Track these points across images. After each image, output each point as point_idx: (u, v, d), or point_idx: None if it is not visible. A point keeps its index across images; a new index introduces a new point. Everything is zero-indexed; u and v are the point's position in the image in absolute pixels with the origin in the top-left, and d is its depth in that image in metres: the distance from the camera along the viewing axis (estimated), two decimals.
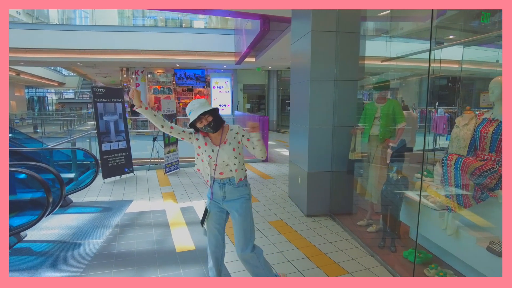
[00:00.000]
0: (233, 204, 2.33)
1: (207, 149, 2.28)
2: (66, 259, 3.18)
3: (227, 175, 2.30)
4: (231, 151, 2.27)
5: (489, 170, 2.50)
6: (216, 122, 2.23)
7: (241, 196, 2.33)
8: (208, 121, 2.20)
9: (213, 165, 2.27)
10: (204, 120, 2.19)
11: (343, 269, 3.02)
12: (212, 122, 2.20)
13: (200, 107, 2.17)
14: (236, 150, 2.29)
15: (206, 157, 2.28)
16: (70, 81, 30.20)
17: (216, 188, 2.33)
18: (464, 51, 6.47)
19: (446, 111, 8.50)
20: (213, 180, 2.33)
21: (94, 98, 6.13)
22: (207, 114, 2.18)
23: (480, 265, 2.50)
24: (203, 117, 2.19)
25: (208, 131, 2.25)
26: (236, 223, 2.34)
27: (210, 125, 2.21)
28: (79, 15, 26.41)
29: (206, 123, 2.20)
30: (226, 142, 2.28)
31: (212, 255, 2.45)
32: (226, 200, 2.34)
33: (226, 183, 2.31)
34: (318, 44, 4.08)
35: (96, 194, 5.39)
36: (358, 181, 4.22)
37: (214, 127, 2.23)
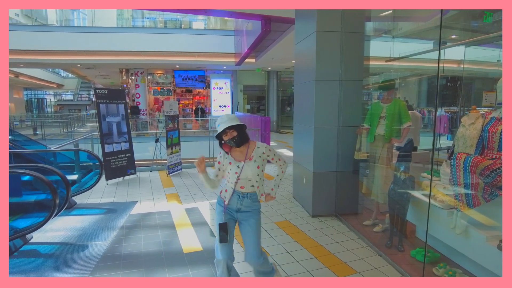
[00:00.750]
0: (247, 215, 2.42)
1: (232, 167, 2.38)
2: (74, 261, 3.17)
3: (248, 190, 2.39)
4: (256, 168, 2.36)
5: (499, 169, 2.51)
6: (240, 137, 2.33)
7: (255, 209, 2.44)
8: (233, 136, 2.31)
9: (236, 179, 2.36)
10: (229, 134, 2.31)
11: (351, 268, 3.01)
12: (236, 137, 2.32)
13: (228, 121, 2.29)
14: (260, 167, 2.38)
15: (233, 174, 2.37)
16: (69, 83, 30.13)
17: (234, 199, 2.40)
18: (466, 51, 6.49)
19: (447, 110, 8.51)
20: (233, 191, 2.40)
21: (97, 99, 6.11)
22: (232, 129, 2.30)
23: (491, 263, 2.51)
24: (229, 131, 2.30)
25: (231, 144, 2.35)
26: (249, 234, 2.43)
27: (234, 139, 2.32)
28: (78, 16, 26.35)
29: (231, 137, 2.31)
30: (251, 159, 2.36)
31: (224, 263, 2.43)
32: (240, 211, 2.42)
33: (245, 197, 2.39)
34: (323, 44, 4.08)
35: (99, 196, 5.37)
36: (363, 181, 4.22)
37: (237, 142, 2.33)
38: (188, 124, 16.94)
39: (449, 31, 6.59)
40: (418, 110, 8.56)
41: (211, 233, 3.82)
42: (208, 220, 4.23)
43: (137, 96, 16.34)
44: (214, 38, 14.45)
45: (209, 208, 4.73)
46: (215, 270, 2.94)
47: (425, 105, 9.85)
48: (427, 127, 8.63)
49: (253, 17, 8.28)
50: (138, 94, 16.35)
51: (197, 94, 17.71)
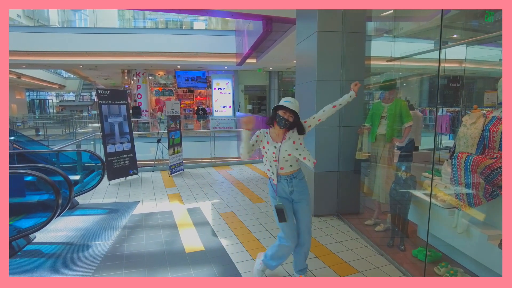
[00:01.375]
0: (301, 195, 2.55)
1: (270, 147, 2.49)
2: (76, 260, 3.19)
3: (287, 170, 2.50)
4: (291, 144, 2.45)
5: (500, 168, 2.51)
6: (291, 124, 2.44)
7: (305, 189, 2.58)
8: (287, 117, 2.40)
9: (274, 160, 2.47)
10: (287, 114, 2.40)
11: (353, 268, 3.02)
12: (288, 120, 2.41)
13: (294, 105, 2.40)
14: (296, 143, 2.47)
15: (270, 154, 2.48)
16: (71, 84, 30.23)
17: (284, 184, 2.52)
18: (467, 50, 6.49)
19: (448, 110, 8.50)
20: (279, 177, 2.51)
21: (99, 100, 6.14)
22: (293, 113, 2.41)
23: (492, 262, 2.51)
24: (288, 111, 2.40)
25: (280, 122, 2.42)
26: (304, 213, 2.58)
27: (286, 121, 2.41)
28: (79, 17, 26.44)
29: (285, 116, 2.40)
30: (285, 138, 2.47)
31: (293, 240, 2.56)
32: (294, 193, 2.54)
33: (293, 178, 2.51)
34: (324, 44, 4.09)
35: (102, 196, 5.39)
36: (364, 181, 4.23)
37: (285, 125, 2.43)
38: (190, 125, 16.97)
39: (450, 30, 6.59)
40: (419, 109, 8.56)
41: (213, 233, 3.83)
42: (210, 220, 4.24)
43: (138, 96, 16.39)
44: (215, 38, 14.49)
45: (211, 208, 4.74)
46: (217, 270, 2.97)
47: (426, 104, 9.84)
48: (429, 126, 8.62)
49: (254, 17, 8.30)
50: (140, 94, 16.39)
51: (199, 95, 17.75)
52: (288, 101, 2.41)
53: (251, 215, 4.42)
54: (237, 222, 4.17)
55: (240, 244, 3.52)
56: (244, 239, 3.65)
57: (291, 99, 2.43)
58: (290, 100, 2.42)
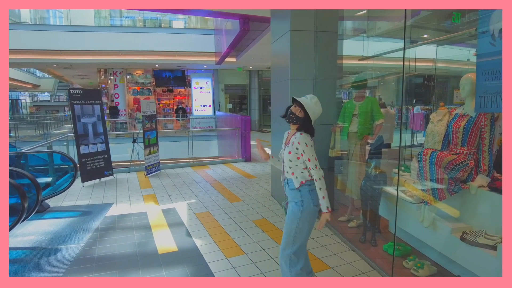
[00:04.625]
0: (291, 204, 2.35)
1: (283, 146, 2.39)
2: (43, 265, 3.09)
3: (287, 174, 2.33)
4: (287, 153, 2.28)
5: (462, 163, 2.61)
6: (296, 119, 2.26)
7: (294, 199, 2.30)
8: (294, 112, 2.27)
9: (282, 161, 2.38)
10: (296, 108, 2.27)
11: (325, 264, 3.06)
12: (294, 115, 2.26)
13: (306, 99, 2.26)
14: (292, 154, 2.25)
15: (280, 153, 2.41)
16: (45, 83, 29.24)
17: (284, 185, 2.40)
18: (438, 50, 6.69)
19: (422, 108, 8.75)
20: (282, 173, 2.41)
21: (71, 100, 5.97)
22: (302, 108, 2.24)
23: (455, 254, 2.60)
24: (298, 106, 2.26)
25: (288, 117, 2.31)
26: (285, 224, 2.36)
27: (292, 114, 2.27)
28: (53, 14, 25.61)
29: (293, 110, 2.27)
30: (288, 143, 2.30)
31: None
32: (288, 199, 2.39)
33: (286, 183, 2.36)
34: (297, 43, 4.12)
35: (75, 198, 5.25)
36: (338, 178, 4.29)
37: (290, 119, 2.29)
38: (169, 124, 16.76)
39: (423, 30, 6.78)
40: (395, 108, 8.77)
41: (187, 234, 3.79)
42: (184, 221, 4.20)
43: (116, 96, 16.04)
44: (194, 37, 14.34)
45: (187, 208, 4.70)
46: (190, 270, 2.94)
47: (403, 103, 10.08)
48: (405, 124, 8.83)
49: (231, 16, 8.27)
50: (117, 94, 16.04)
51: (178, 94, 17.54)
52: (305, 96, 2.29)
53: (227, 215, 4.41)
54: (213, 222, 4.15)
55: (215, 244, 3.51)
56: (218, 239, 3.64)
57: (310, 95, 2.30)
58: (307, 96, 2.29)
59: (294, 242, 2.26)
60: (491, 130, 2.59)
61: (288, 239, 2.28)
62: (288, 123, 2.34)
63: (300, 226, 2.26)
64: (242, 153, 8.38)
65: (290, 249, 2.27)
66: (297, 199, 2.27)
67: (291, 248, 2.27)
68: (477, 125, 2.63)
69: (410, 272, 2.86)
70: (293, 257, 2.28)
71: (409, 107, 9.10)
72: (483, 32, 2.18)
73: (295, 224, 2.26)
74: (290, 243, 2.27)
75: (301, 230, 2.26)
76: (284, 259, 2.29)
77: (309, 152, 2.22)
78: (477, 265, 2.38)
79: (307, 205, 2.25)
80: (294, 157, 2.25)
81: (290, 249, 2.27)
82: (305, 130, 2.27)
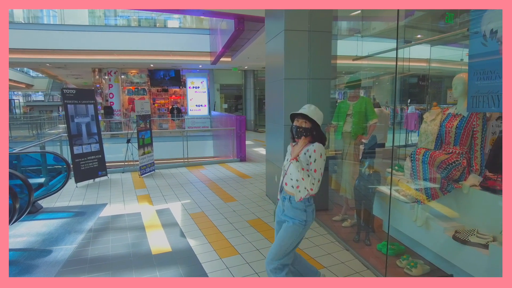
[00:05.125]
0: (288, 219, 2.26)
1: (287, 158, 2.30)
2: (35, 267, 3.06)
3: (289, 189, 2.23)
4: (294, 168, 2.18)
5: (454, 163, 2.62)
6: (303, 131, 2.18)
7: (295, 218, 2.22)
8: (300, 125, 2.19)
9: (284, 173, 2.29)
10: (300, 121, 2.20)
11: (319, 263, 3.07)
12: (301, 129, 2.19)
13: (308, 110, 2.19)
14: (304, 164, 2.17)
15: (284, 168, 2.31)
16: (39, 83, 28.99)
17: (281, 199, 2.33)
18: (432, 50, 6.73)
19: (417, 108, 8.80)
20: (281, 189, 2.33)
21: (64, 99, 5.92)
22: (305, 119, 2.18)
23: (447, 253, 2.62)
24: (301, 118, 2.19)
25: (293, 131, 2.24)
26: (278, 235, 2.28)
27: (297, 128, 2.20)
28: (47, 13, 25.38)
29: (298, 124, 2.20)
30: (297, 157, 2.20)
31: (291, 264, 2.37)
32: (284, 214, 2.30)
33: (286, 199, 2.26)
34: (291, 43, 4.12)
35: (68, 199, 5.20)
36: (332, 177, 4.30)
37: (298, 134, 2.20)
38: (164, 124, 16.70)
39: (416, 31, 6.82)
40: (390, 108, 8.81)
41: (182, 234, 3.78)
42: (179, 221, 4.19)
43: (110, 96, 15.95)
44: (190, 37, 14.30)
45: (181, 208, 4.68)
46: (183, 270, 2.93)
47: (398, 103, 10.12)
48: (400, 124, 8.88)
49: (226, 16, 8.25)
50: (112, 94, 15.95)
51: (173, 94, 17.48)
52: (303, 107, 2.22)
53: (222, 215, 4.40)
54: (207, 222, 4.13)
55: (209, 244, 3.50)
56: (212, 239, 3.62)
57: (307, 105, 2.23)
58: (304, 107, 2.23)
59: (285, 254, 2.21)
60: (483, 130, 2.61)
61: (280, 251, 2.20)
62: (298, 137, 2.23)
63: (296, 242, 2.23)
64: (237, 153, 8.37)
65: (278, 260, 2.21)
66: (301, 219, 2.20)
67: (280, 259, 2.21)
68: (469, 125, 2.65)
69: (403, 271, 2.88)
70: (280, 266, 2.22)
71: (404, 107, 9.14)
72: (475, 32, 2.19)
73: (292, 240, 2.20)
74: (281, 255, 2.20)
75: (295, 244, 2.24)
76: (271, 269, 2.22)
77: (320, 164, 2.16)
78: (469, 264, 2.39)
79: (308, 224, 2.24)
80: (304, 172, 2.15)
81: (278, 261, 2.21)
82: (320, 139, 2.22)
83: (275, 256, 2.21)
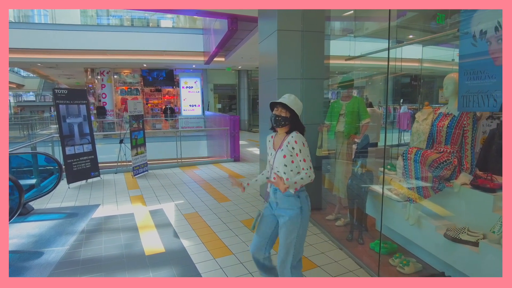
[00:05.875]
0: (283, 213, 2.19)
1: (270, 152, 2.27)
2: (26, 269, 3.02)
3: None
4: (282, 157, 2.16)
5: (445, 162, 2.65)
6: (284, 121, 2.16)
7: (291, 207, 2.16)
8: (279, 114, 2.16)
9: (270, 168, 2.26)
10: (278, 110, 2.17)
11: (312, 263, 3.08)
12: (281, 118, 2.16)
13: (288, 99, 2.18)
14: (287, 157, 2.15)
15: (268, 161, 2.29)
16: (30, 83, 28.64)
17: (272, 192, 2.27)
18: (424, 50, 6.79)
19: (409, 107, 8.87)
20: (271, 184, 2.27)
21: (56, 100, 5.86)
22: (285, 108, 2.15)
23: (438, 251, 2.65)
24: (280, 107, 2.17)
25: (271, 122, 2.22)
26: (280, 235, 2.20)
27: (276, 117, 2.17)
28: (38, 13, 25.08)
29: (277, 113, 2.17)
30: (281, 147, 2.18)
31: (252, 255, 2.35)
32: (278, 208, 2.22)
33: (278, 190, 2.19)
34: (284, 43, 4.13)
35: (60, 200, 5.15)
36: (326, 177, 4.32)
37: (277, 122, 2.18)
38: (158, 124, 16.61)
39: (409, 31, 6.87)
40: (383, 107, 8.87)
41: (175, 234, 3.76)
42: (172, 222, 4.17)
43: (103, 96, 15.82)
44: (183, 36, 14.25)
45: (174, 209, 4.66)
46: (176, 271, 2.92)
47: (391, 102, 10.21)
48: (393, 124, 8.94)
49: (219, 16, 8.24)
50: (105, 94, 15.83)
51: (167, 94, 17.40)
52: (283, 97, 2.21)
53: (216, 215, 4.39)
54: (201, 223, 4.12)
55: (202, 245, 3.49)
56: (206, 239, 3.62)
57: (287, 95, 2.22)
58: (284, 96, 2.21)
59: (296, 250, 2.16)
60: (473, 129, 2.64)
61: (289, 250, 2.14)
62: (276, 129, 2.24)
63: (301, 233, 2.17)
64: (231, 153, 8.36)
65: (291, 258, 2.16)
66: (296, 206, 2.14)
67: (293, 257, 2.16)
68: (460, 124, 2.68)
69: (396, 270, 2.90)
70: (296, 264, 2.20)
71: (396, 107, 9.20)
72: (465, 33, 2.22)
73: (295, 233, 2.14)
74: (291, 254, 2.15)
75: (302, 236, 2.18)
76: (287, 270, 2.16)
77: (306, 152, 2.15)
78: (460, 262, 2.42)
79: (305, 211, 2.18)
80: (289, 160, 2.15)
81: (291, 259, 2.16)
82: (297, 129, 2.21)
83: (285, 255, 2.16)
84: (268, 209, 2.32)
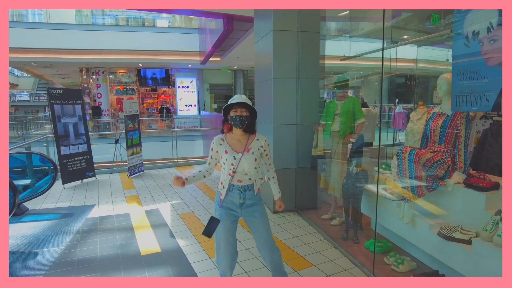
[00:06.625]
0: (252, 209, 2.27)
1: (228, 157, 2.21)
2: (21, 270, 3.01)
3: (246, 182, 2.24)
4: (253, 161, 2.21)
5: (439, 161, 2.68)
6: (248, 121, 2.20)
7: (259, 200, 2.31)
8: (242, 114, 2.17)
9: (232, 171, 2.21)
10: (239, 111, 2.18)
11: (308, 262, 3.09)
12: (245, 118, 2.18)
13: (243, 99, 2.20)
14: (258, 160, 2.24)
15: (228, 165, 2.22)
16: (24, 83, 28.43)
17: (235, 194, 2.24)
18: (418, 50, 6.84)
19: (404, 107, 8.93)
20: (231, 186, 2.24)
21: (51, 99, 5.83)
22: (244, 108, 2.19)
23: (432, 249, 2.67)
24: (239, 108, 2.18)
25: (235, 123, 2.18)
26: (260, 226, 2.27)
27: (241, 118, 2.17)
28: (32, 12, 24.89)
29: (240, 114, 2.17)
30: (249, 151, 2.21)
31: (227, 267, 2.36)
32: (245, 206, 2.26)
33: (247, 189, 2.24)
34: (279, 43, 4.14)
35: (55, 201, 5.12)
36: (321, 176, 4.34)
37: (243, 123, 2.18)
38: (153, 124, 16.57)
39: (403, 31, 6.92)
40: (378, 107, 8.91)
41: (171, 234, 3.76)
42: (168, 222, 4.17)
43: (98, 96, 15.75)
44: (179, 36, 14.23)
45: (170, 209, 4.66)
46: (172, 271, 2.92)
47: (386, 102, 10.27)
48: (388, 123, 8.99)
49: (214, 15, 8.24)
50: (100, 94, 15.76)
51: (162, 93, 17.36)
52: (234, 98, 2.22)
53: (211, 215, 4.38)
54: (197, 222, 4.13)
55: (198, 244, 3.49)
56: (202, 239, 3.61)
57: (237, 95, 2.24)
58: (236, 97, 2.22)
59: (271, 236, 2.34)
60: (467, 129, 2.67)
61: (273, 241, 2.31)
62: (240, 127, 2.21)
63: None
64: None
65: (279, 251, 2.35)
66: (259, 199, 2.32)
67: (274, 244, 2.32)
68: (453, 124, 2.70)
69: (391, 268, 2.92)
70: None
71: (392, 107, 9.25)
72: (458, 34, 2.25)
73: (269, 224, 2.34)
74: (272, 240, 2.31)
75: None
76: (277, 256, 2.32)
77: (268, 149, 2.32)
78: (453, 260, 2.45)
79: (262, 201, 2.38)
80: (258, 162, 2.24)
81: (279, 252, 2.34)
82: (253, 127, 2.28)
83: (275, 249, 2.30)
84: (227, 215, 2.26)
